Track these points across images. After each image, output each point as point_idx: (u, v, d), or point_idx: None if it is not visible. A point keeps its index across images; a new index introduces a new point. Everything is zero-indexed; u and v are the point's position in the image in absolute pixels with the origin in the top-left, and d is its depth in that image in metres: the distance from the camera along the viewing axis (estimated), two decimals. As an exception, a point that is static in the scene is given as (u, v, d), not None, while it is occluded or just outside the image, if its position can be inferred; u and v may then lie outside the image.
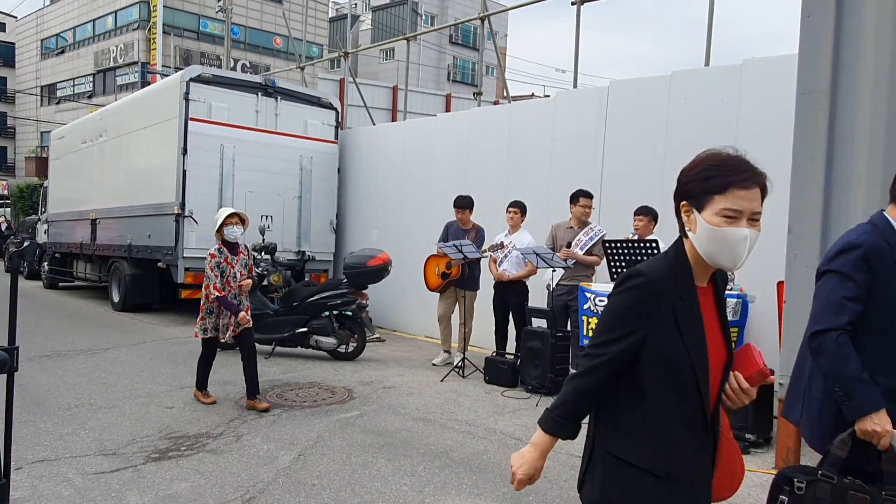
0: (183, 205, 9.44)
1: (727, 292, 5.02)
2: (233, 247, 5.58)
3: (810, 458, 4.55)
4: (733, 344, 4.92)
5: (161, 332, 9.23)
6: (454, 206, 7.38)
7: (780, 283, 5.01)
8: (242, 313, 5.50)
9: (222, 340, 5.54)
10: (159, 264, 10.08)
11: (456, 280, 7.24)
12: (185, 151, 9.41)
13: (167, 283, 10.30)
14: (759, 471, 4.34)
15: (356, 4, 43.05)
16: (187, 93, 9.43)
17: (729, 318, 4.84)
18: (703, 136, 6.77)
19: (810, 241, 4.20)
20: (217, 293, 5.40)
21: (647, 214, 6.16)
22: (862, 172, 4.02)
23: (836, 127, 4.12)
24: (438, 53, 41.60)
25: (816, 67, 4.18)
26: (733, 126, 6.57)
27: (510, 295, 7.01)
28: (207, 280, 5.42)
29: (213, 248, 5.52)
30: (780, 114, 5.55)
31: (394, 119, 17.38)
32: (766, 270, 5.84)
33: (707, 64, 7.50)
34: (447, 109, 18.88)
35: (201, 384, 5.70)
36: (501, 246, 6.89)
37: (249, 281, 5.64)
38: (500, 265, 7.03)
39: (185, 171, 9.42)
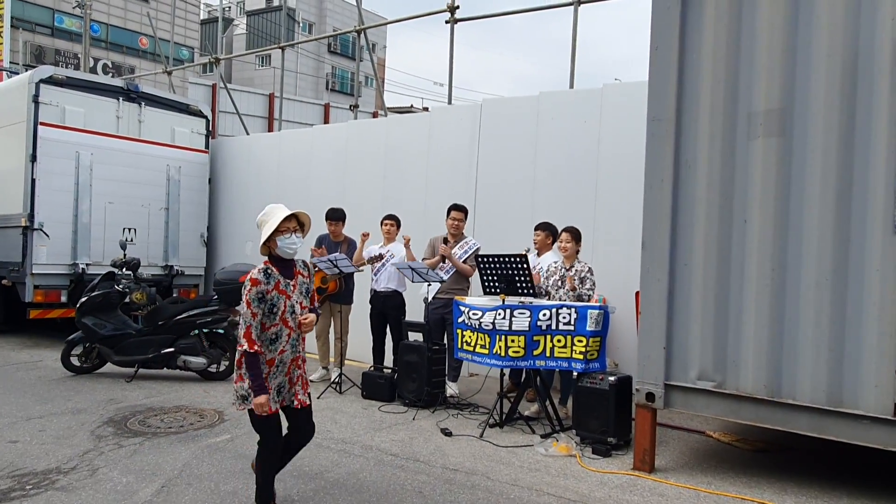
0: (32, 216, 8.70)
1: (591, 304, 5.34)
2: (287, 266, 3.72)
3: (662, 457, 4.90)
4: (596, 354, 5.24)
5: (4, 356, 8.38)
6: (326, 219, 7.31)
7: (637, 294, 5.38)
8: (263, 398, 3.41)
9: (279, 408, 3.60)
10: (4, 282, 9.21)
11: (331, 294, 7.17)
12: (34, 158, 8.68)
13: (13, 303, 9.41)
14: (618, 472, 4.61)
15: (230, 7, 41.59)
16: (37, 95, 8.72)
17: (592, 329, 5.15)
18: (569, 155, 7.18)
19: (661, 256, 4.55)
20: (248, 346, 3.43)
21: (546, 230, 6.37)
22: (702, 194, 4.42)
23: (681, 152, 4.51)
24: (317, 62, 41.06)
25: (664, 96, 4.55)
26: (595, 146, 6.98)
27: (388, 308, 7.03)
28: (242, 320, 3.53)
29: (257, 269, 3.65)
30: (637, 136, 5.95)
31: (270, 128, 16.94)
32: (626, 282, 6.26)
33: (572, 86, 7.92)
34: (326, 119, 18.65)
35: (263, 497, 3.64)
36: (380, 258, 6.90)
37: (313, 316, 3.69)
38: (376, 275, 7.03)
39: (34, 180, 8.70)
